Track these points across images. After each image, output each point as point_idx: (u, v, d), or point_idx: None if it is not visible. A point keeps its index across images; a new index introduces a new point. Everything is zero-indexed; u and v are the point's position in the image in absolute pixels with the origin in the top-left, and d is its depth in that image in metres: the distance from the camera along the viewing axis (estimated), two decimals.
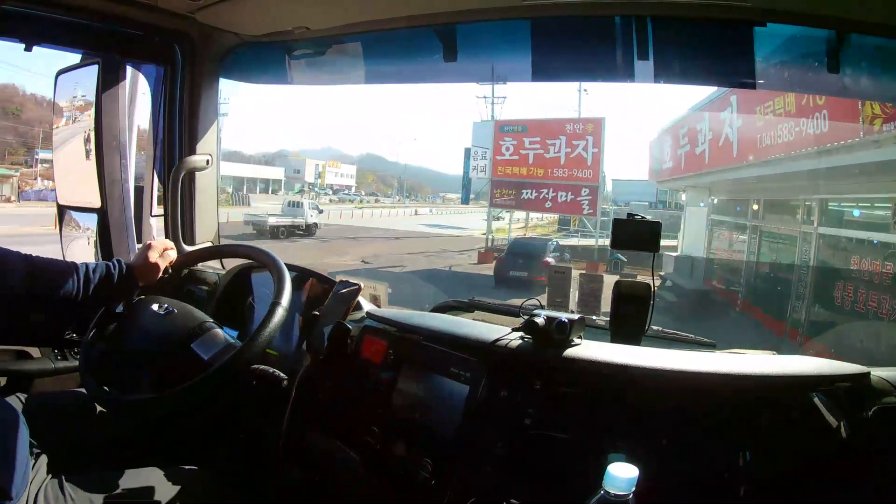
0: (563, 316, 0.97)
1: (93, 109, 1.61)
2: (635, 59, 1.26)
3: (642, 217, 1.13)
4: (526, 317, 0.99)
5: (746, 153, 8.89)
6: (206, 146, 1.62)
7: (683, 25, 1.23)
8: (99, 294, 1.16)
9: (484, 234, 19.15)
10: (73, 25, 1.38)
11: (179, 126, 1.58)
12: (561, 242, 16.69)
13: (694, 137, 11.36)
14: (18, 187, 21.49)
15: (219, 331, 1.17)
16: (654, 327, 1.17)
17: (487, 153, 16.94)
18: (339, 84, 1.78)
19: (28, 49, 1.40)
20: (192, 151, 1.60)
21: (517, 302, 1.23)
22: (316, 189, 45.36)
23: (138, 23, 1.41)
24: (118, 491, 1.00)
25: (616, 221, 1.15)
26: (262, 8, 1.36)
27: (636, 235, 1.12)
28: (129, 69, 1.62)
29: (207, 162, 1.62)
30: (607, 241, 15.00)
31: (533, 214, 20.86)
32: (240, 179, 37.92)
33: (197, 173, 1.63)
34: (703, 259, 11.57)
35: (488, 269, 13.04)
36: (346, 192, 47.85)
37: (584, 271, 11.65)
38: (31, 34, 1.36)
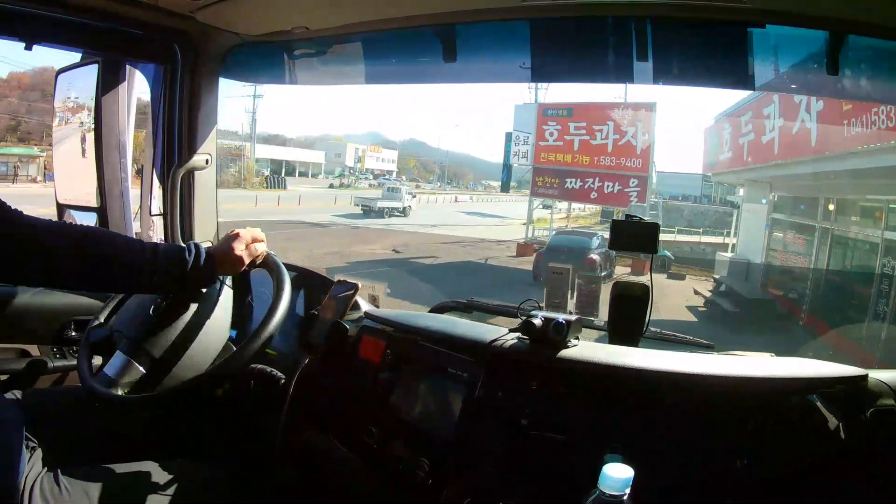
0: (561, 317, 0.97)
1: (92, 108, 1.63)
2: (634, 61, 1.26)
3: (640, 218, 1.14)
4: (523, 317, 0.99)
5: (828, 143, 7.62)
6: (205, 146, 1.62)
7: (682, 27, 1.23)
8: (165, 280, 1.02)
9: (525, 223, 18.05)
10: (72, 24, 1.38)
11: (179, 125, 1.58)
12: (605, 235, 15.60)
13: (760, 124, 10.21)
14: (45, 168, 21.56)
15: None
16: (653, 329, 1.17)
17: (530, 138, 15.76)
18: (338, 84, 1.79)
19: (28, 48, 1.40)
20: (192, 151, 1.60)
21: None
22: (356, 173, 44.79)
23: (138, 22, 1.41)
24: (114, 484, 1.00)
25: (614, 223, 1.15)
26: (262, 8, 1.36)
27: (634, 237, 1.13)
28: (128, 68, 1.63)
29: (207, 161, 1.62)
30: (680, 237, 15.49)
31: (575, 204, 19.74)
32: (278, 162, 37.33)
33: (196, 172, 1.62)
34: (761, 262, 10.50)
35: (528, 263, 12.17)
36: (387, 177, 46.43)
37: (629, 270, 11.46)
38: (31, 33, 1.36)
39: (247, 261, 1.11)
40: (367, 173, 46.40)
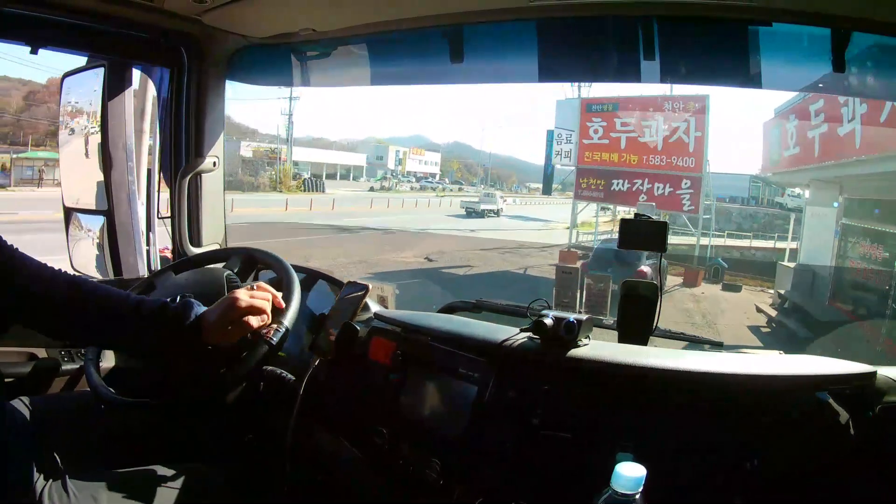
0: (572, 316, 0.97)
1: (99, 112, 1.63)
2: (641, 60, 1.26)
3: (649, 217, 1.14)
4: (534, 317, 0.99)
5: None
6: (212, 148, 1.62)
7: (689, 26, 1.23)
8: (144, 340, 0.94)
9: (569, 227, 16.84)
10: (78, 28, 1.38)
11: (186, 128, 1.58)
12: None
13: (836, 113, 8.72)
14: None
15: None
16: (661, 327, 1.17)
17: (573, 136, 14.40)
18: (345, 86, 1.79)
19: (34, 52, 1.40)
20: (199, 153, 1.60)
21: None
22: (397, 176, 44.50)
23: (144, 25, 1.42)
24: (123, 487, 1.00)
25: (623, 221, 1.15)
26: (268, 10, 1.36)
27: (644, 235, 1.13)
28: (135, 71, 1.63)
29: (214, 164, 1.63)
30: (711, 241, 13.55)
31: (620, 207, 17.14)
32: (319, 165, 37.34)
33: (203, 175, 1.63)
34: (828, 273, 9.01)
35: None
36: (429, 180, 46.58)
37: (682, 279, 10.74)
38: (37, 37, 1.36)
39: (235, 337, 0.97)
40: (410, 176, 45.92)
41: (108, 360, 1.25)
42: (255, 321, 0.97)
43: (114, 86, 1.60)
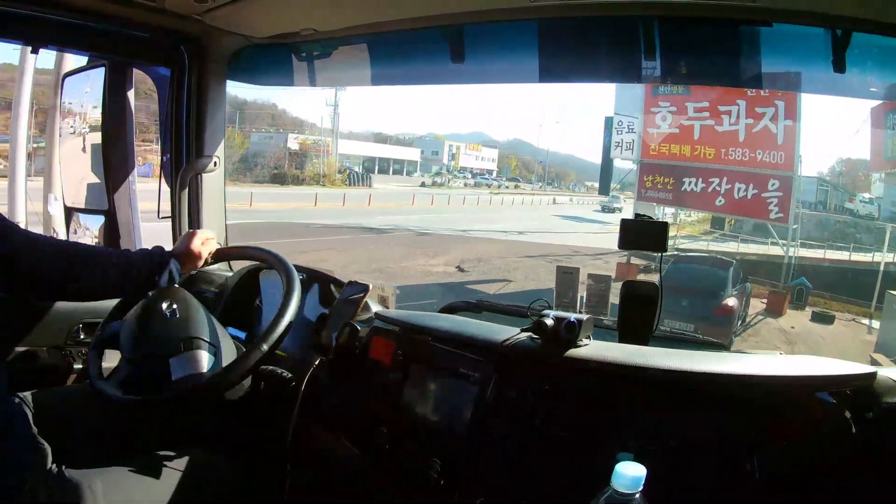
0: (572, 316, 0.97)
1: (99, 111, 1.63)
2: (643, 60, 1.26)
3: (649, 218, 1.14)
4: (535, 317, 0.99)
5: None
6: (213, 148, 1.62)
7: (690, 26, 1.23)
8: (140, 284, 1.15)
9: None
10: (79, 28, 1.38)
11: (186, 128, 1.58)
12: (714, 247, 11.67)
13: None
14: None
15: (202, 353, 1.14)
16: (662, 328, 1.18)
17: (635, 125, 11.89)
18: (346, 86, 1.81)
19: (35, 52, 1.41)
20: (200, 153, 1.60)
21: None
22: (452, 171, 42.99)
23: (145, 25, 1.42)
24: (121, 476, 1.01)
25: (624, 221, 1.15)
26: (270, 10, 1.36)
27: (644, 236, 1.13)
28: (135, 71, 1.63)
29: (214, 164, 1.63)
30: (795, 252, 10.82)
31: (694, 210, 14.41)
32: (372, 159, 36.65)
33: (204, 175, 1.63)
34: None
35: None
36: (486, 176, 44.78)
37: (764, 305, 9.09)
38: (38, 37, 1.37)
39: (204, 255, 1.26)
40: (466, 172, 44.43)
41: (109, 359, 1.26)
42: (213, 244, 1.29)
43: (114, 85, 1.60)
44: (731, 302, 7.42)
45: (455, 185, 38.99)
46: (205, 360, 1.13)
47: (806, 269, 11.00)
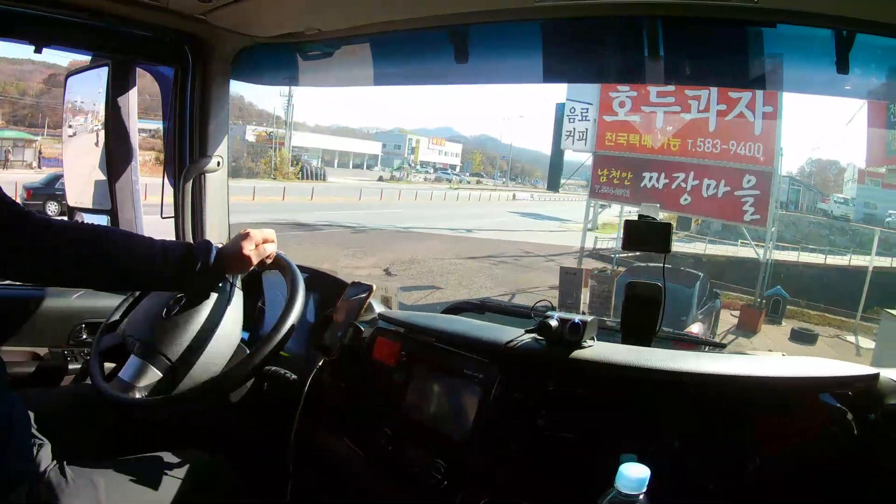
0: (577, 318, 0.97)
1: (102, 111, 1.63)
2: (646, 60, 1.26)
3: (653, 218, 1.14)
4: (539, 318, 1.00)
5: None
6: (216, 148, 1.62)
7: (694, 26, 1.23)
8: (174, 277, 1.05)
9: (590, 229, 12.61)
10: (82, 27, 1.38)
11: (190, 128, 1.58)
12: (679, 248, 9.97)
13: None
14: (40, 153, 20.90)
15: (152, 369, 1.10)
16: (665, 329, 1.18)
17: (590, 111, 10.46)
18: (350, 85, 1.79)
19: (38, 51, 1.40)
20: (203, 153, 1.60)
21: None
22: (412, 166, 42.23)
23: (149, 24, 1.42)
24: (122, 473, 1.01)
25: (627, 223, 1.15)
26: (274, 9, 1.36)
27: (648, 237, 1.13)
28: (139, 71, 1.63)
29: (218, 164, 1.63)
30: (769, 256, 9.46)
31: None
32: (332, 153, 35.83)
33: (207, 175, 1.63)
34: None
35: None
36: (448, 171, 44.10)
37: (736, 316, 7.99)
38: (41, 36, 1.37)
39: (255, 261, 1.11)
40: (429, 166, 43.71)
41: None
42: (269, 248, 1.13)
43: (118, 85, 1.60)
44: (696, 329, 6.49)
45: (415, 179, 38.25)
46: (149, 377, 1.08)
47: (780, 273, 10.02)
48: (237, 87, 1.65)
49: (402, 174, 38.84)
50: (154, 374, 1.09)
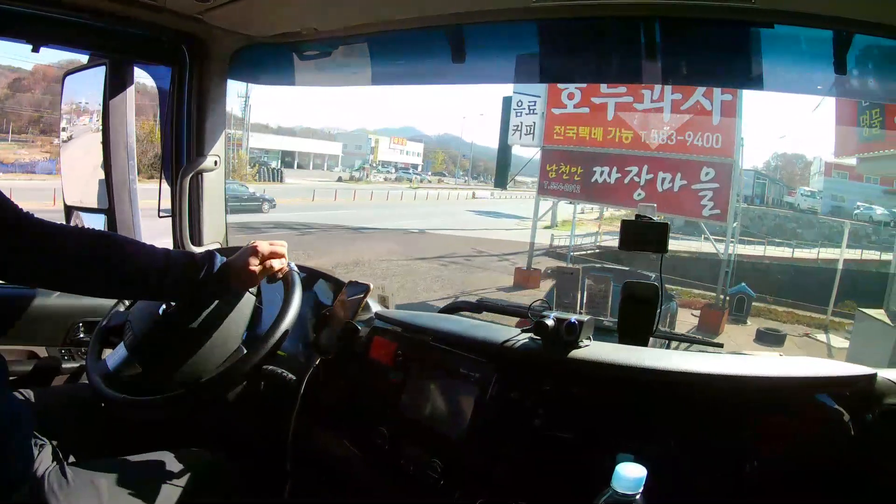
0: (573, 317, 0.97)
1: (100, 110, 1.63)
2: (643, 61, 1.26)
3: (650, 218, 1.14)
4: (535, 318, 1.00)
5: None
6: (214, 147, 1.62)
7: (691, 27, 1.23)
8: (175, 288, 1.02)
9: (549, 226, 12.44)
10: (79, 26, 1.38)
11: (187, 127, 1.58)
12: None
13: None
14: None
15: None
16: (662, 328, 1.18)
17: (538, 104, 10.05)
18: (347, 85, 1.79)
19: (35, 50, 1.40)
20: (201, 152, 1.60)
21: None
22: (373, 166, 42.05)
23: (146, 24, 1.42)
24: (123, 473, 1.01)
25: (624, 223, 1.15)
26: (271, 9, 1.36)
27: (645, 237, 1.13)
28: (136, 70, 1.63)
29: (216, 163, 1.63)
30: (739, 248, 9.11)
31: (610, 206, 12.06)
32: (291, 153, 35.52)
33: (205, 174, 1.63)
34: None
35: (531, 298, 4.72)
36: (410, 170, 43.95)
37: (696, 316, 7.64)
38: (38, 35, 1.36)
39: (260, 278, 1.09)
40: (390, 166, 43.51)
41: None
42: (277, 263, 1.10)
43: (115, 84, 1.59)
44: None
45: (376, 179, 37.94)
46: (129, 369, 1.11)
47: (745, 269, 9.60)
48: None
49: (363, 174, 38.65)
50: (135, 368, 1.10)
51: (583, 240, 13.44)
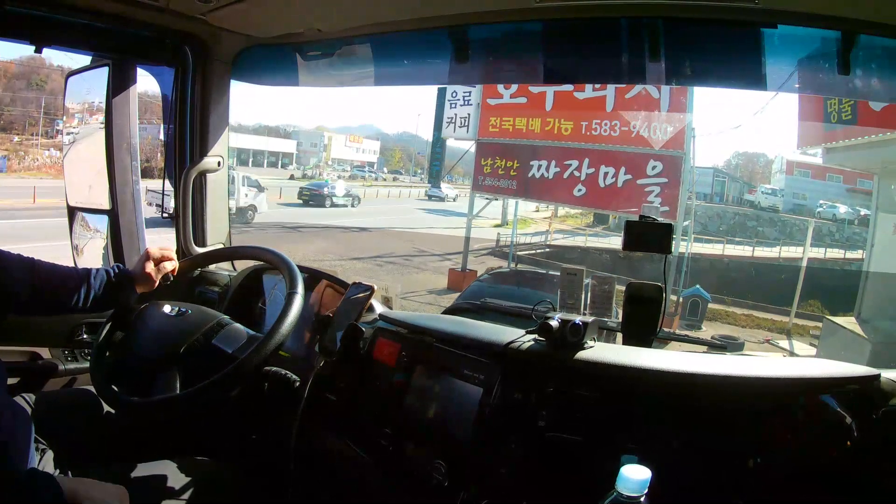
0: (578, 318, 0.97)
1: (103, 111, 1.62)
2: (646, 61, 1.26)
3: (653, 219, 1.14)
4: (539, 319, 1.00)
5: None
6: (217, 148, 1.62)
7: (694, 27, 1.23)
8: (99, 301, 1.17)
9: (499, 224, 12.52)
10: (83, 27, 1.38)
11: (190, 128, 1.58)
12: (593, 243, 9.65)
13: None
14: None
15: (238, 325, 1.19)
16: (665, 329, 1.18)
17: (472, 95, 9.42)
18: (349, 86, 1.79)
19: (38, 51, 1.40)
20: (204, 153, 1.60)
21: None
22: (329, 164, 41.61)
23: (149, 25, 1.42)
24: (127, 484, 1.01)
25: (628, 223, 1.16)
26: (274, 10, 1.36)
27: (648, 237, 1.13)
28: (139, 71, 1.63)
29: (218, 164, 1.63)
30: (696, 247, 8.51)
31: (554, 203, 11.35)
32: (247, 151, 35.03)
33: (208, 175, 1.63)
34: None
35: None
36: (365, 169, 43.32)
37: None
38: (42, 36, 1.36)
39: (156, 278, 1.23)
40: (345, 164, 43.11)
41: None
42: (169, 265, 1.25)
43: (118, 85, 1.59)
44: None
45: (329, 177, 36.30)
46: (242, 331, 1.17)
47: (702, 268, 9.10)
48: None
49: (316, 172, 37.89)
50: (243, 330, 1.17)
51: (533, 238, 13.00)
